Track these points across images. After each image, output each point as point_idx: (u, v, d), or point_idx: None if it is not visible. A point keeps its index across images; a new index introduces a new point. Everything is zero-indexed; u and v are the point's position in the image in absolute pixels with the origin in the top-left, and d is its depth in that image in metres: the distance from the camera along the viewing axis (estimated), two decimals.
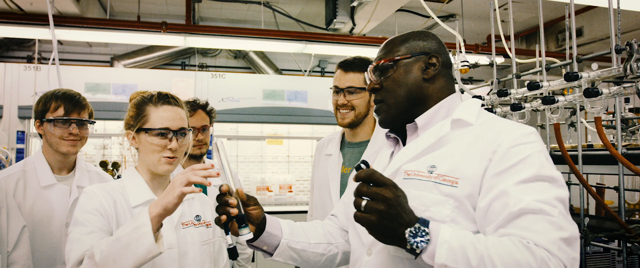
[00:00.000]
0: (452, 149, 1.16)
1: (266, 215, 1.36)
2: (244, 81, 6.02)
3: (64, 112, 2.05)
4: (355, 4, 5.05)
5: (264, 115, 5.90)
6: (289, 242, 1.36)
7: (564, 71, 1.97)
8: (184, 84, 5.87)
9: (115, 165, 4.89)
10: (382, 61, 1.28)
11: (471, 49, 5.66)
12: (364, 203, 1.01)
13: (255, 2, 6.00)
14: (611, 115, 2.77)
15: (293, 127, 6.37)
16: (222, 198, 1.24)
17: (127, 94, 5.62)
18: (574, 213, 2.90)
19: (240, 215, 1.24)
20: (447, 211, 1.08)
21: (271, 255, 1.36)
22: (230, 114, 5.73)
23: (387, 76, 1.28)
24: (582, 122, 2.33)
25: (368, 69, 1.32)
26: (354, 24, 5.55)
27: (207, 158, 2.77)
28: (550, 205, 1.01)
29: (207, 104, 2.56)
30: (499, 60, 5.39)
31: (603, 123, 2.75)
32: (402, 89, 1.25)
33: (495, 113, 2.28)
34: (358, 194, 1.02)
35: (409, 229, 0.98)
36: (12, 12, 4.81)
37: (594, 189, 1.98)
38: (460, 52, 2.66)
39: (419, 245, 0.97)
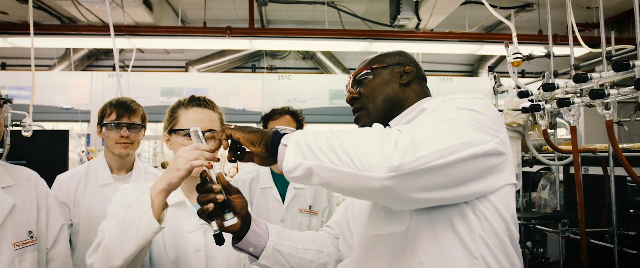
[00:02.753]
0: None
1: (252, 214, 1.34)
2: (310, 81, 6.05)
3: (116, 117, 2.23)
4: None
5: (330, 115, 5.88)
6: (276, 244, 1.32)
7: None
8: (251, 86, 6.04)
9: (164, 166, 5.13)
10: (361, 71, 1.34)
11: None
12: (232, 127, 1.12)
13: (320, 3, 6.00)
14: None
15: None
16: (205, 186, 1.22)
17: None
18: None
19: (223, 201, 1.21)
20: None
21: (257, 258, 1.32)
22: None
23: (365, 85, 1.33)
24: None
25: (346, 84, 1.38)
26: (419, 20, 5.35)
27: None
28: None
29: (297, 112, 2.66)
30: (559, 51, 4.88)
31: None
32: (380, 94, 1.31)
33: (543, 108, 2.06)
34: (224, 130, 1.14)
35: (274, 131, 1.08)
36: (93, 25, 5.23)
37: None
38: (511, 43, 2.45)
39: (286, 132, 1.05)
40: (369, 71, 1.33)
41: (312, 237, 1.44)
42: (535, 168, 2.94)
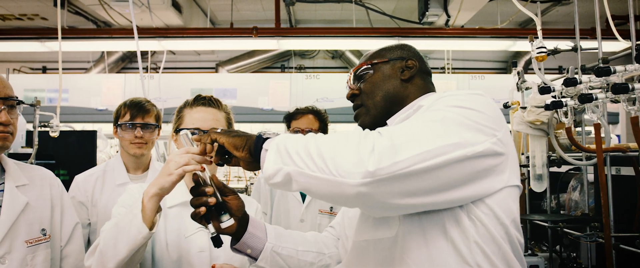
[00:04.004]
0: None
1: (250, 216, 1.31)
2: (338, 81, 6.00)
3: (130, 117, 2.25)
4: None
5: None
6: (275, 246, 1.29)
7: None
8: (280, 86, 6.06)
9: None
10: (361, 67, 1.29)
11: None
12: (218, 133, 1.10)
13: (347, 1, 5.95)
14: None
15: None
16: (198, 189, 1.20)
17: (227, 97, 5.97)
18: None
19: (218, 203, 1.19)
20: None
21: (255, 260, 1.30)
22: None
23: (365, 80, 1.28)
24: None
25: (347, 80, 1.32)
26: (449, 16, 5.22)
27: None
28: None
29: (321, 111, 2.65)
30: (591, 45, 4.64)
31: None
32: (379, 90, 1.25)
33: (566, 105, 1.95)
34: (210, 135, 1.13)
35: (257, 135, 1.06)
36: (124, 28, 5.37)
37: None
38: (536, 37, 2.33)
39: (270, 136, 1.03)
40: (370, 66, 1.27)
41: (314, 238, 1.41)
42: (564, 169, 2.80)
